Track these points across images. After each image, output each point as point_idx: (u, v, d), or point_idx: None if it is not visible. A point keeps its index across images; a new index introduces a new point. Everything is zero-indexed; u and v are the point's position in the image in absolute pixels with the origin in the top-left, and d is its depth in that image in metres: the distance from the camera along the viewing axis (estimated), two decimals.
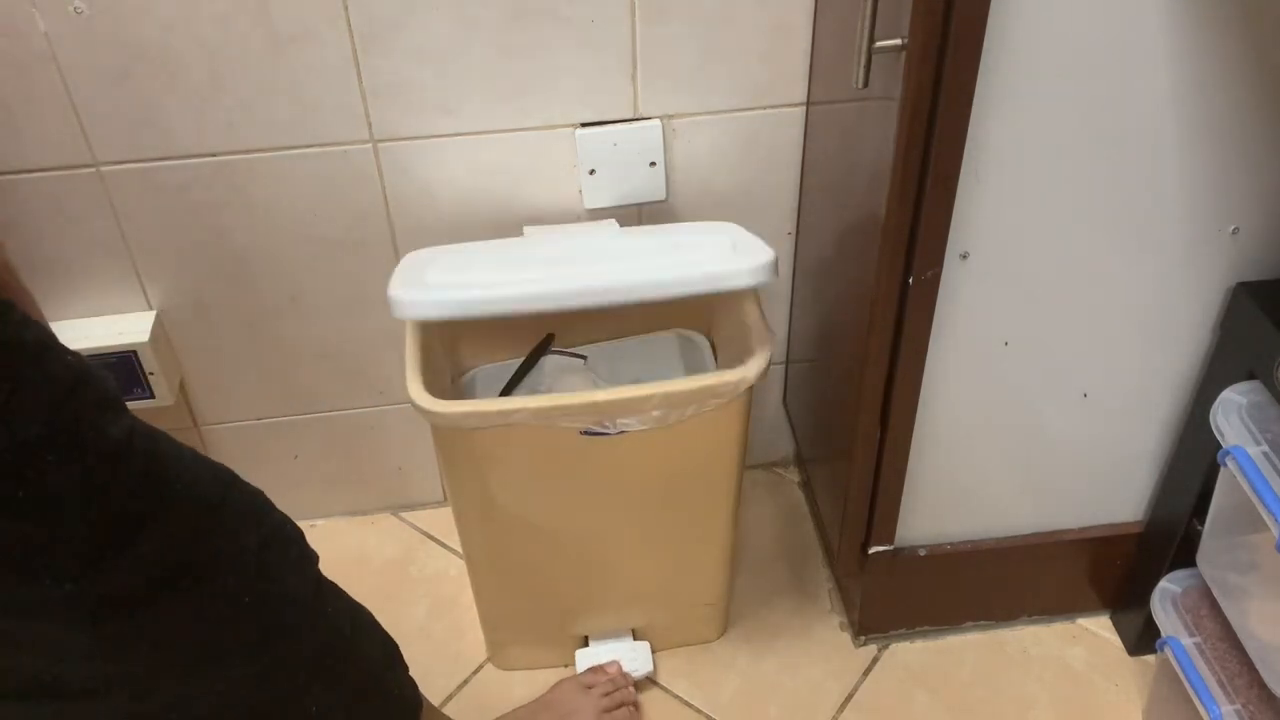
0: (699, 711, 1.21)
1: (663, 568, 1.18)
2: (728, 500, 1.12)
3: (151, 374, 1.19)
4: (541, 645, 1.24)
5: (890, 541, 1.17)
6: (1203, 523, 1.06)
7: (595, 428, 0.99)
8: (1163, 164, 0.90)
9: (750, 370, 0.99)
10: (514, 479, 1.04)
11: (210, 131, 1.08)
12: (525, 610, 1.20)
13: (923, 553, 1.19)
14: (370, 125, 1.10)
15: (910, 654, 1.27)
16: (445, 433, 1.00)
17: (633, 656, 1.22)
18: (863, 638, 1.28)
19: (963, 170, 0.88)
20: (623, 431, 0.99)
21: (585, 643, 1.24)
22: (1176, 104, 0.86)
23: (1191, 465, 1.09)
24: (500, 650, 1.25)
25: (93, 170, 1.08)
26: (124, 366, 1.17)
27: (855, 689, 1.23)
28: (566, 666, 1.24)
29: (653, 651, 1.24)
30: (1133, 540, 1.20)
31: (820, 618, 1.32)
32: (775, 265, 0.99)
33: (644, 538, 1.14)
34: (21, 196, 1.09)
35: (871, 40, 0.83)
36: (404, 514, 1.47)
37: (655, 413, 0.98)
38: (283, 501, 1.14)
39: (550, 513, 1.08)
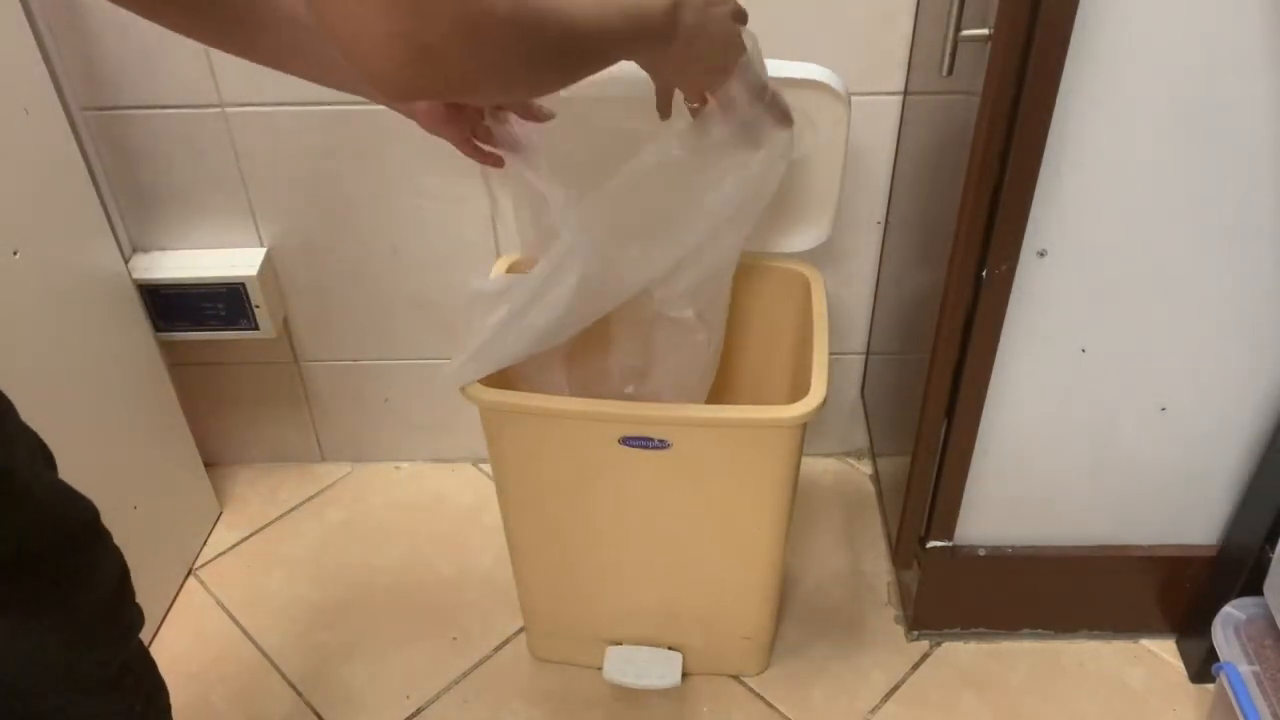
0: (741, 684, 1.24)
1: (697, 593, 1.15)
2: (771, 539, 1.07)
3: (257, 307, 1.27)
4: (574, 640, 1.23)
5: (949, 537, 1.17)
6: (1275, 549, 1.03)
7: (634, 436, 0.97)
8: (1255, 168, 0.88)
9: (802, 408, 0.94)
10: (551, 471, 1.04)
11: None
12: (559, 604, 1.20)
13: (982, 553, 1.18)
14: None
15: (962, 654, 1.26)
16: (488, 412, 1.00)
17: (661, 664, 1.19)
18: (915, 633, 1.28)
19: (1043, 166, 0.87)
20: (663, 446, 0.97)
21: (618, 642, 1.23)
22: (1273, 107, 0.84)
23: (1271, 489, 1.05)
24: (535, 638, 1.27)
25: (218, 110, 1.16)
26: (232, 297, 1.26)
27: (901, 681, 1.23)
28: (597, 669, 1.20)
29: (684, 668, 1.20)
30: (1204, 564, 1.17)
31: (876, 609, 1.32)
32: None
33: (678, 559, 1.11)
34: (156, 129, 1.19)
35: (958, 29, 0.84)
36: (484, 465, 1.54)
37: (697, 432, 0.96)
38: (372, 441, 1.16)
39: (584, 513, 1.08)
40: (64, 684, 0.73)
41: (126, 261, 1.26)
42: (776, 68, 0.97)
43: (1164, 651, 1.25)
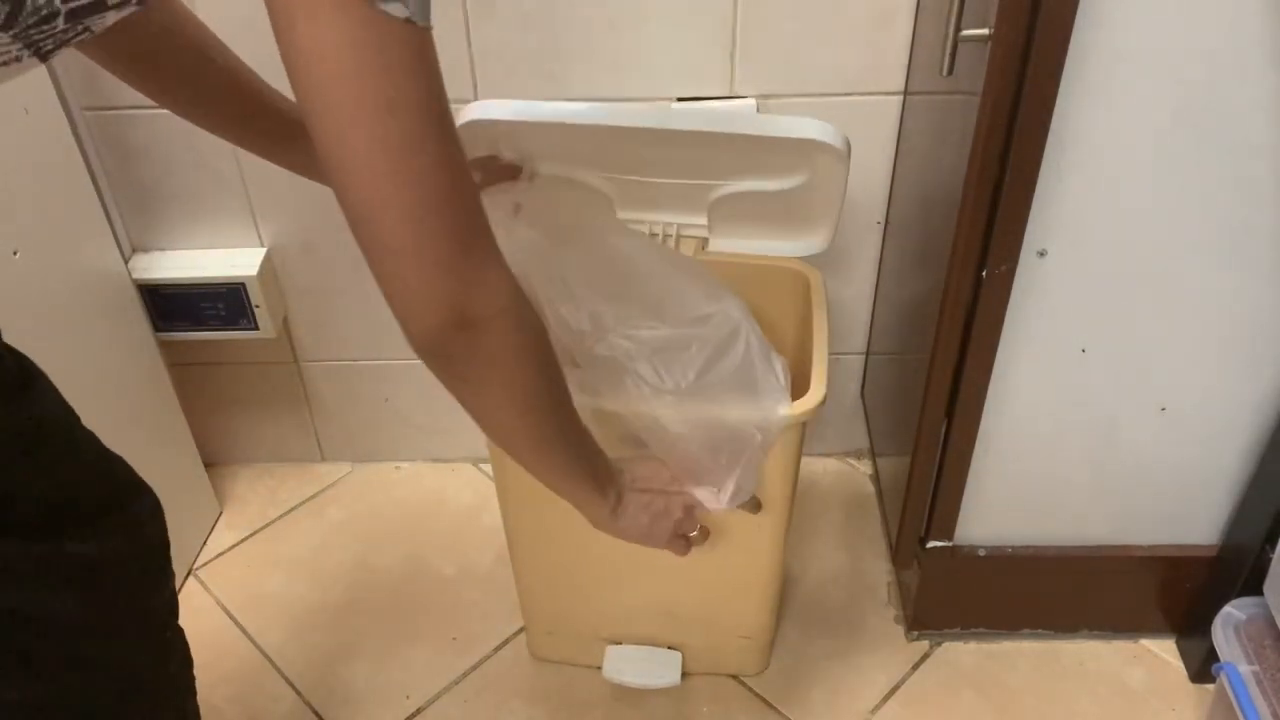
0: (741, 684, 1.24)
1: (696, 593, 1.14)
2: (771, 538, 1.07)
3: (257, 307, 1.27)
4: (573, 639, 1.23)
5: (949, 537, 1.17)
6: (1275, 549, 1.03)
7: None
8: (1255, 169, 0.88)
9: (802, 407, 0.93)
10: None
11: None
12: (559, 603, 1.20)
13: (982, 553, 1.18)
14: (475, 86, 1.15)
15: (962, 654, 1.26)
16: None
17: (661, 663, 1.19)
18: (915, 633, 1.28)
19: (1043, 166, 0.87)
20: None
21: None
22: (1273, 107, 0.84)
23: (1270, 490, 1.05)
24: (535, 638, 1.27)
25: None
26: (232, 297, 1.26)
27: (902, 681, 1.23)
28: (597, 669, 1.21)
29: (683, 667, 1.20)
30: (1204, 564, 1.17)
31: (876, 609, 1.32)
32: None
33: (678, 558, 1.05)
34: (156, 130, 1.19)
35: (958, 29, 0.84)
36: (484, 465, 1.54)
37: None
38: (372, 441, 1.13)
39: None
40: (133, 630, 0.73)
41: (126, 261, 1.26)
42: (773, 126, 0.97)
43: (1164, 651, 1.25)
